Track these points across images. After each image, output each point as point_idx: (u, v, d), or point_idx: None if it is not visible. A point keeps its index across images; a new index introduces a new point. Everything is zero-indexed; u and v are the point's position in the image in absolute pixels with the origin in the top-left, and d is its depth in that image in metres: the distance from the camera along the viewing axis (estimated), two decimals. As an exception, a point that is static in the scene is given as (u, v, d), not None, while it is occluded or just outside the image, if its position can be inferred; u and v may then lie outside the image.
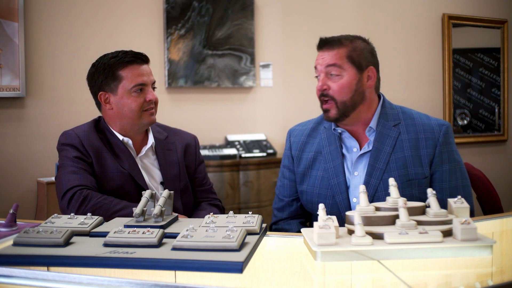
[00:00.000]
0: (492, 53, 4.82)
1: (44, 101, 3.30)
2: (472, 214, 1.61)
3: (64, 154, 1.89)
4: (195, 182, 2.11)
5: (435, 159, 1.78)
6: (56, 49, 3.34)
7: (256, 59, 3.96)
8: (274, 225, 1.99)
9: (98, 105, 2.00)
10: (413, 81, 4.52)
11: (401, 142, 1.79)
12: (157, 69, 3.66)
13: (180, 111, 3.76)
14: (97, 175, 1.87)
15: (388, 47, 4.38)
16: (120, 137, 1.95)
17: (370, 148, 1.80)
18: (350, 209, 1.78)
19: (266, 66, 4.02)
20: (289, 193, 1.95)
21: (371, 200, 1.75)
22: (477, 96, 4.77)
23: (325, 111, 1.80)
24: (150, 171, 2.00)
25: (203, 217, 1.90)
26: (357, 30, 4.17)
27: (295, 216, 1.96)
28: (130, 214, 1.72)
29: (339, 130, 1.85)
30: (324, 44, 1.79)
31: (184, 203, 2.01)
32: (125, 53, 1.93)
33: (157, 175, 2.00)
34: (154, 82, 1.98)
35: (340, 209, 1.79)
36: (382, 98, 1.87)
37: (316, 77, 1.82)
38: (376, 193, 1.75)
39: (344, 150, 1.85)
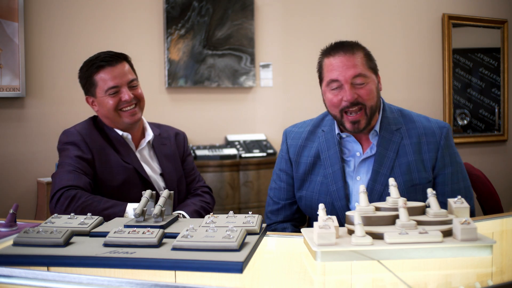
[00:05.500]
0: (492, 53, 4.82)
1: (44, 101, 3.30)
2: (472, 215, 1.60)
3: (65, 153, 1.90)
4: (184, 173, 2.16)
5: (438, 163, 1.77)
6: (56, 49, 3.34)
7: (256, 59, 3.96)
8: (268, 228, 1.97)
9: None
10: (413, 81, 4.52)
11: (404, 147, 1.77)
12: (157, 69, 3.66)
13: (180, 111, 3.75)
14: (100, 172, 1.89)
15: (388, 47, 4.38)
16: (120, 132, 1.98)
17: (373, 152, 1.77)
18: None
19: (266, 66, 4.01)
20: (286, 196, 1.91)
21: None
22: (477, 96, 4.77)
23: (355, 122, 1.73)
24: (149, 163, 2.05)
25: (191, 205, 2.00)
26: (357, 30, 4.18)
27: (290, 220, 1.93)
28: (118, 213, 1.72)
29: (344, 134, 1.81)
30: (340, 48, 1.74)
31: (179, 192, 2.09)
32: (97, 58, 1.95)
33: (156, 167, 2.06)
34: (132, 80, 1.97)
35: (339, 216, 1.74)
36: (382, 101, 1.85)
37: (336, 88, 1.73)
38: (381, 199, 1.71)
39: (345, 155, 1.81)
